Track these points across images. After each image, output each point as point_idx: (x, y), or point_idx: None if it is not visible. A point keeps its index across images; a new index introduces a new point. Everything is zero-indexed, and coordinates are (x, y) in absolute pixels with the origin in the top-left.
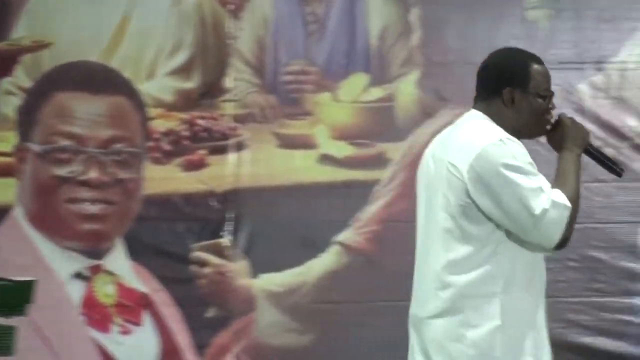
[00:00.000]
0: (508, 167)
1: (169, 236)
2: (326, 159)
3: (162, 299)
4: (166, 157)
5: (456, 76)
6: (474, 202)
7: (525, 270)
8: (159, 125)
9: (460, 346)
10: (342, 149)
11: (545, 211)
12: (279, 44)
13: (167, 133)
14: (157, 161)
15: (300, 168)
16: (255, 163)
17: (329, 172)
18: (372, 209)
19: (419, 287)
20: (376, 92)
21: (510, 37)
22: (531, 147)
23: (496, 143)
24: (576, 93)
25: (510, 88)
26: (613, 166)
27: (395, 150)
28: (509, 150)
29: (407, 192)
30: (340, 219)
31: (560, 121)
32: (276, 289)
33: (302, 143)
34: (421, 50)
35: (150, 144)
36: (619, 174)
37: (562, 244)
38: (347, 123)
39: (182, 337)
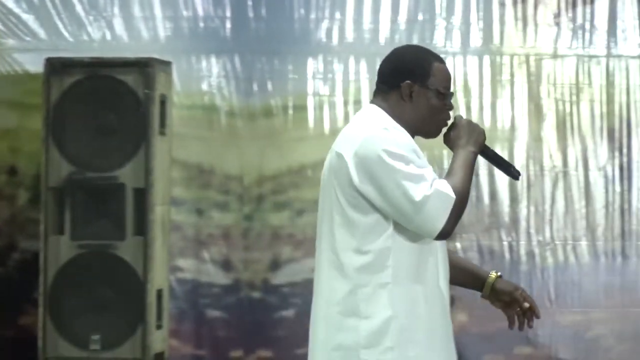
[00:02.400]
0: (390, 154)
1: None
2: None
3: None
4: None
5: None
6: (358, 191)
7: (415, 261)
8: None
9: (353, 336)
10: None
11: (426, 198)
12: None
13: None
14: None
15: None
16: None
17: None
18: None
19: (316, 278)
20: None
21: None
22: None
23: (380, 131)
24: None
25: (410, 82)
26: (510, 168)
27: None
28: (392, 137)
29: None
30: None
31: (456, 121)
32: None
33: None
34: None
35: None
36: (515, 177)
37: (444, 233)
38: None
39: None
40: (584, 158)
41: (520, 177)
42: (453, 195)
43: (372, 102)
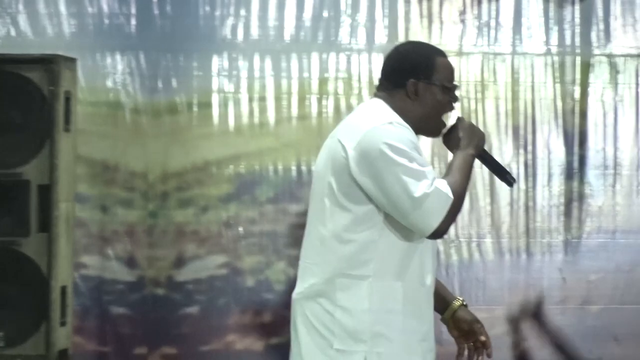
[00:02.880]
0: (393, 148)
1: None
2: None
3: None
4: None
5: None
6: (355, 181)
7: (400, 257)
8: None
9: (329, 325)
10: None
11: (426, 195)
12: None
13: None
14: None
15: None
16: None
17: None
18: None
19: (301, 263)
20: None
21: None
22: None
23: (385, 125)
24: None
25: (415, 80)
26: (505, 175)
27: None
28: (397, 133)
29: None
30: None
31: (457, 123)
32: None
33: None
34: None
35: None
36: (510, 184)
37: (438, 232)
38: None
39: None
40: None
41: (514, 185)
42: (451, 196)
43: (376, 95)
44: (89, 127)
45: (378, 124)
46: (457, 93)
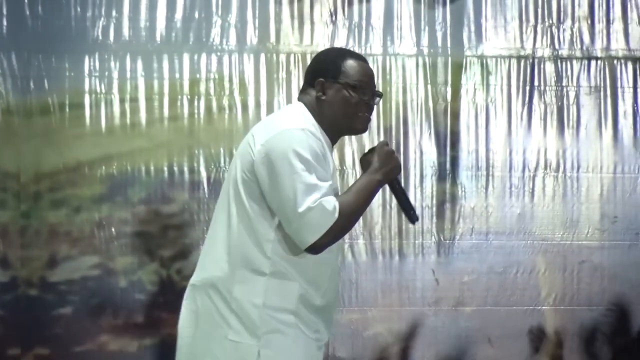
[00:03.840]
0: (298, 155)
1: None
2: None
3: None
4: None
5: None
6: (255, 176)
7: (296, 257)
8: None
9: (225, 316)
10: None
11: (309, 209)
12: None
13: None
14: None
15: None
16: None
17: None
18: None
19: (203, 251)
20: None
21: None
22: None
23: (298, 130)
24: None
25: (322, 79)
26: (409, 211)
27: None
28: (305, 140)
29: None
30: None
31: (377, 147)
32: None
33: None
34: None
35: None
36: (412, 221)
37: (315, 248)
38: None
39: None
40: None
41: (416, 222)
42: (336, 215)
43: (298, 98)
44: None
45: (292, 127)
46: (371, 90)
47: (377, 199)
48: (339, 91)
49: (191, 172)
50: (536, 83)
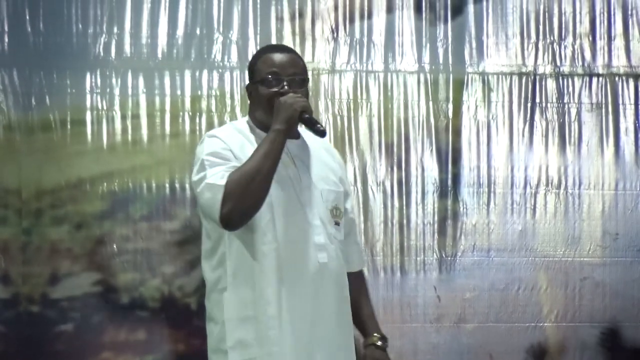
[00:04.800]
0: (199, 161)
1: None
2: None
3: None
4: None
5: None
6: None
7: (248, 265)
8: None
9: (210, 340)
10: None
11: (199, 195)
12: None
13: None
14: None
15: None
16: None
17: None
18: None
19: None
20: None
21: None
22: None
23: (204, 140)
24: None
25: (247, 85)
26: (315, 125)
27: None
28: (208, 145)
29: None
30: None
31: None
32: None
33: None
34: None
35: None
36: (320, 133)
37: (225, 220)
38: None
39: None
40: (362, 173)
41: (325, 134)
42: (221, 183)
43: None
44: None
45: (201, 140)
46: (275, 77)
47: (379, 216)
48: (256, 90)
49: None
50: (537, 100)
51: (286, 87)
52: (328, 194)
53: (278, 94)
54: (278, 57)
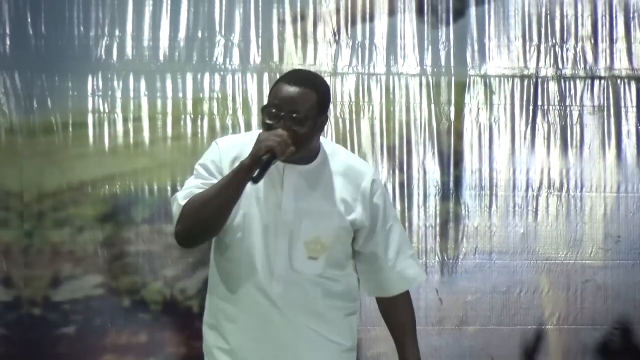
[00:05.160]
0: (194, 170)
1: None
2: None
3: None
4: None
5: None
6: None
7: (223, 278)
8: None
9: (203, 344)
10: None
11: (172, 203)
12: None
13: None
14: None
15: None
16: None
17: None
18: None
19: None
20: None
21: None
22: None
23: (213, 142)
24: None
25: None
26: (257, 171)
27: None
28: (208, 150)
29: None
30: None
31: None
32: None
33: None
34: None
35: None
36: (253, 180)
37: (178, 239)
38: None
39: None
40: None
41: (255, 183)
42: (181, 203)
43: None
44: None
45: (214, 141)
46: (273, 110)
47: None
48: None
49: None
50: (540, 103)
51: (282, 121)
52: (309, 225)
53: (267, 126)
54: (286, 90)
